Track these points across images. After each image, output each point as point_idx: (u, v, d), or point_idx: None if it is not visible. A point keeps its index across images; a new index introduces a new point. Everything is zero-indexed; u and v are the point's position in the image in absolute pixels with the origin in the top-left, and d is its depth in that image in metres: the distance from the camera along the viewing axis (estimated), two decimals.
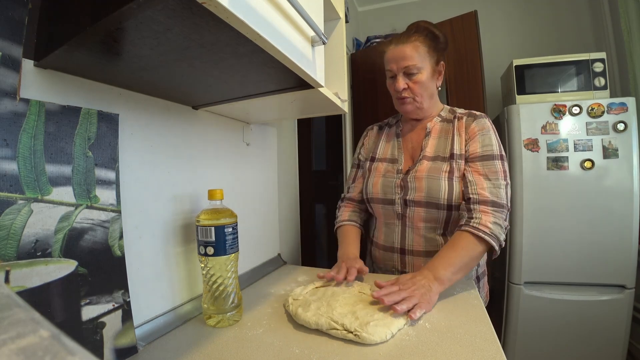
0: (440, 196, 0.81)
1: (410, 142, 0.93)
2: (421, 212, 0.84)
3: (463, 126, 0.86)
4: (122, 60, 0.44)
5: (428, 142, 0.88)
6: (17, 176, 0.40)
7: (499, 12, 2.22)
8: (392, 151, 0.94)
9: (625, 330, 1.46)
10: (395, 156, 0.93)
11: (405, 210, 0.86)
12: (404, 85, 0.85)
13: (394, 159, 0.93)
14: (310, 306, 0.62)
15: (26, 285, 0.40)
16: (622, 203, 1.46)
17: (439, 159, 0.85)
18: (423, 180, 0.83)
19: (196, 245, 0.63)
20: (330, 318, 0.57)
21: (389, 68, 0.87)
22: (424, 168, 0.85)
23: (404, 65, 0.83)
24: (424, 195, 0.82)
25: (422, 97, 0.86)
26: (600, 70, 1.56)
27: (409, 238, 0.87)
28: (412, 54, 0.82)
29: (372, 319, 0.57)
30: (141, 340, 0.55)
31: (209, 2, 0.30)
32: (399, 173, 0.89)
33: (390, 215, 0.90)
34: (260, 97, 0.65)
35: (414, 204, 0.85)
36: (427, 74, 0.84)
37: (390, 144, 0.96)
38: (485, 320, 0.60)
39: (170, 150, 0.67)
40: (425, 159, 0.86)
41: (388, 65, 0.87)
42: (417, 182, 0.84)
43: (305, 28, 0.49)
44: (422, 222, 0.85)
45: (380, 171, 0.92)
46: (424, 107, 0.88)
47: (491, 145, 0.81)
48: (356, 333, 0.53)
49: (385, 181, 0.90)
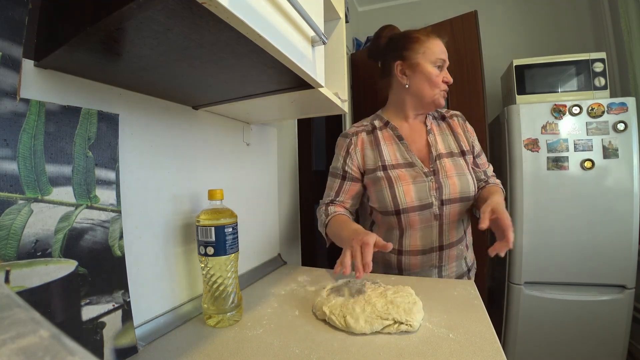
0: (471, 189, 0.88)
1: (414, 143, 0.92)
2: (456, 207, 0.87)
3: (458, 125, 0.97)
4: (122, 60, 0.44)
5: (435, 139, 0.92)
6: (17, 176, 0.40)
7: (499, 12, 2.22)
8: (402, 155, 0.90)
9: (625, 330, 1.46)
10: (408, 159, 0.90)
11: (442, 209, 0.86)
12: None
13: (410, 162, 0.89)
14: (355, 310, 0.59)
15: (26, 285, 0.40)
16: (622, 203, 1.46)
17: (455, 155, 0.91)
18: (455, 178, 0.87)
19: (196, 245, 0.63)
20: (379, 317, 0.57)
21: (443, 57, 0.88)
22: (450, 166, 0.88)
23: (445, 59, 0.88)
24: (459, 192, 0.86)
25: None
26: (600, 70, 1.56)
27: (445, 233, 0.88)
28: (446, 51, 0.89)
29: (407, 305, 0.60)
30: (141, 340, 0.55)
31: (209, 2, 0.30)
32: (428, 175, 0.87)
33: (427, 218, 0.87)
34: (260, 97, 0.65)
35: (450, 202, 0.86)
36: None
37: (394, 148, 0.92)
38: (485, 320, 0.60)
39: (170, 151, 0.67)
40: (444, 156, 0.90)
41: (439, 54, 0.88)
42: (449, 181, 0.86)
43: (305, 28, 0.49)
44: (457, 215, 0.89)
45: (406, 178, 0.87)
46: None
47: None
48: (408, 323, 0.56)
49: (418, 187, 0.86)
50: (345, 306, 0.61)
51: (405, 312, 0.58)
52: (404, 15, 2.44)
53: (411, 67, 0.89)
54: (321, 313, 0.62)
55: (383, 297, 0.63)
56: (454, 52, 1.77)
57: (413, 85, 0.90)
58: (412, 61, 0.89)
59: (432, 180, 0.86)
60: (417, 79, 0.89)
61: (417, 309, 0.59)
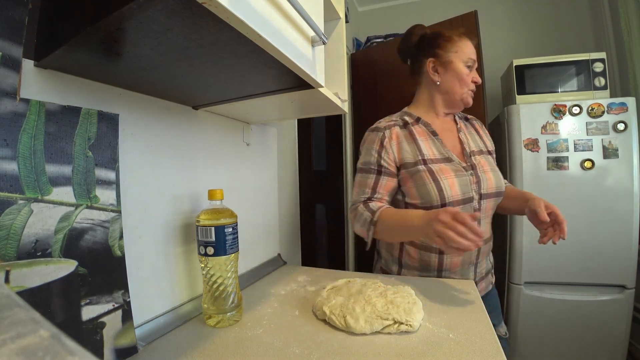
0: (502, 185, 0.93)
1: (447, 140, 0.93)
2: (491, 202, 0.90)
3: (480, 128, 1.03)
4: (122, 60, 0.44)
5: (466, 137, 0.95)
6: (17, 176, 0.40)
7: (499, 12, 2.22)
8: (438, 150, 0.90)
9: (625, 330, 1.46)
10: (444, 154, 0.89)
11: (480, 204, 0.88)
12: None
13: (447, 157, 0.89)
14: (355, 310, 0.59)
15: (26, 285, 0.40)
16: (622, 203, 1.46)
17: (484, 153, 0.95)
18: (490, 173, 0.90)
19: (196, 245, 0.63)
20: (379, 317, 0.57)
21: (473, 58, 0.90)
22: (484, 162, 0.92)
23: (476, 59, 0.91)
24: (495, 186, 0.90)
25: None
26: (600, 70, 1.56)
27: (483, 228, 0.89)
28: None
29: (407, 305, 0.60)
30: (141, 340, 0.55)
31: (209, 2, 0.30)
32: (467, 170, 0.88)
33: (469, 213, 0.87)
34: (260, 97, 0.65)
35: (487, 197, 0.88)
36: None
37: (430, 143, 0.91)
38: (485, 320, 0.60)
39: (170, 151, 0.67)
40: (477, 153, 0.93)
41: (471, 55, 0.90)
42: (486, 175, 0.89)
43: (305, 28, 0.49)
44: (491, 210, 0.92)
45: (448, 172, 0.86)
46: None
47: None
48: (408, 323, 0.56)
49: (461, 181, 0.86)
50: (345, 306, 0.61)
51: (405, 312, 0.58)
52: (404, 15, 2.44)
53: (443, 65, 0.91)
54: (321, 313, 0.62)
55: (383, 297, 0.63)
56: None
57: (444, 83, 0.92)
58: (444, 59, 0.91)
59: (472, 174, 0.88)
60: (449, 76, 0.91)
61: (417, 309, 0.59)
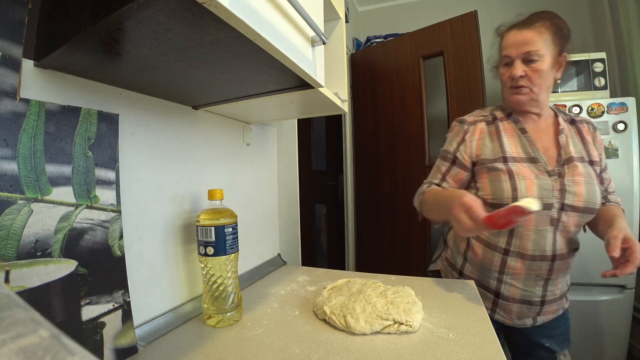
0: (597, 202, 0.80)
1: (539, 140, 0.85)
2: (576, 217, 0.79)
3: (589, 133, 0.88)
4: (122, 61, 0.44)
5: (567, 141, 0.84)
6: (17, 176, 0.40)
7: (499, 12, 2.22)
8: (524, 149, 0.84)
9: (625, 330, 1.46)
10: (531, 154, 0.82)
11: (561, 215, 0.79)
12: (522, 72, 0.79)
13: (533, 157, 0.82)
14: (356, 310, 0.60)
15: (26, 285, 0.40)
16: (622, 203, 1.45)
17: (586, 162, 0.83)
18: (582, 185, 0.79)
19: (196, 245, 0.63)
20: (379, 317, 0.57)
21: (507, 54, 0.82)
22: (580, 171, 0.80)
23: (525, 51, 0.78)
24: (584, 200, 0.79)
25: (540, 87, 0.80)
26: (600, 70, 1.56)
27: (559, 243, 0.80)
28: (535, 39, 0.78)
29: (407, 305, 0.60)
30: (141, 340, 0.55)
31: (209, 2, 0.30)
32: (552, 175, 0.80)
33: (543, 221, 0.79)
34: (260, 97, 0.65)
35: (571, 209, 0.79)
36: (548, 62, 0.79)
37: (516, 140, 0.85)
38: (485, 320, 0.60)
39: (170, 150, 0.67)
40: (574, 159, 0.81)
41: (506, 50, 0.82)
42: (576, 187, 0.79)
43: (305, 28, 0.49)
44: (574, 226, 0.81)
45: (528, 173, 0.80)
46: (540, 100, 0.83)
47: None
48: (407, 324, 0.56)
49: (541, 184, 0.79)
50: (345, 306, 0.61)
51: (405, 313, 0.58)
52: (404, 15, 2.44)
53: (497, 67, 0.88)
54: (322, 313, 0.62)
55: (383, 297, 0.63)
56: (454, 52, 1.77)
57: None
58: (497, 63, 0.88)
59: (556, 181, 0.79)
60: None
61: (416, 309, 0.59)
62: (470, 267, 0.90)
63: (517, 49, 0.80)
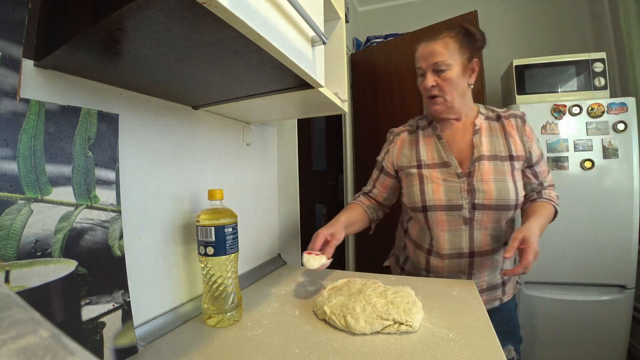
0: (510, 197, 0.81)
1: (455, 143, 0.89)
2: (491, 214, 0.82)
3: (514, 127, 0.88)
4: (122, 61, 0.44)
5: (480, 140, 0.86)
6: (17, 176, 0.40)
7: (499, 12, 2.22)
8: (438, 155, 0.89)
9: (625, 330, 1.46)
10: (444, 159, 0.87)
11: (474, 214, 0.83)
12: (433, 82, 0.83)
13: (445, 162, 0.87)
14: (356, 310, 0.59)
15: (26, 285, 0.40)
16: (622, 203, 1.46)
17: (498, 159, 0.85)
18: (491, 183, 0.82)
19: (196, 245, 0.63)
20: (379, 317, 0.57)
21: (419, 66, 0.87)
22: (488, 170, 0.83)
23: (433, 62, 0.82)
24: (494, 198, 0.81)
25: (452, 95, 0.84)
26: (600, 70, 1.56)
27: (477, 240, 0.84)
28: (441, 51, 0.82)
29: (407, 305, 0.60)
30: (141, 340, 0.55)
31: (209, 2, 0.30)
32: (461, 177, 0.84)
33: (455, 221, 0.84)
34: (260, 97, 0.65)
35: (483, 208, 0.82)
36: (457, 70, 0.83)
37: (432, 147, 0.90)
38: (485, 320, 0.60)
39: (170, 150, 0.67)
40: (484, 158, 0.84)
41: (418, 63, 0.87)
42: (484, 185, 0.82)
43: (305, 28, 0.49)
44: (491, 222, 0.84)
45: (437, 177, 0.86)
46: (455, 106, 0.86)
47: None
48: (407, 324, 0.56)
49: (448, 187, 0.84)
50: (345, 306, 0.61)
51: (405, 313, 0.58)
52: (404, 15, 2.44)
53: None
54: (322, 313, 0.62)
55: (383, 297, 0.63)
56: None
57: None
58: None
59: (464, 182, 0.83)
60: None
61: (416, 309, 0.59)
62: (408, 264, 0.98)
63: (426, 61, 0.84)
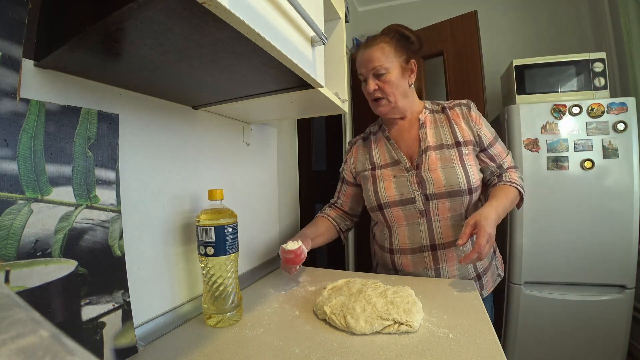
0: (460, 182, 0.83)
1: (403, 141, 0.93)
2: (445, 202, 0.84)
3: (459, 115, 0.90)
4: (122, 60, 0.44)
5: (426, 132, 0.90)
6: (17, 176, 0.40)
7: (499, 12, 2.22)
8: (389, 154, 0.93)
9: (625, 330, 1.46)
10: (394, 157, 0.91)
11: (428, 205, 0.85)
12: (375, 86, 0.86)
13: (396, 160, 0.91)
14: (356, 310, 0.60)
15: (26, 285, 0.40)
16: (622, 203, 1.46)
17: (445, 147, 0.87)
18: (439, 171, 0.84)
19: (196, 245, 0.63)
20: (379, 317, 0.57)
21: (360, 72, 0.90)
22: (434, 159, 0.86)
23: (372, 67, 0.86)
24: (444, 186, 0.83)
25: (394, 96, 0.87)
26: (600, 70, 1.56)
27: (437, 232, 0.85)
28: (377, 56, 0.85)
29: (407, 305, 0.60)
30: (141, 340, 0.55)
31: (209, 2, 0.30)
32: (410, 170, 0.87)
33: (412, 215, 0.87)
34: (260, 97, 0.65)
35: (436, 197, 0.84)
36: (395, 73, 0.86)
37: (383, 149, 0.95)
38: (485, 320, 0.60)
39: (170, 150, 0.67)
40: (430, 149, 0.87)
41: (359, 70, 0.90)
42: (432, 174, 0.84)
43: (305, 28, 0.49)
44: (449, 211, 0.85)
45: (388, 175, 0.90)
46: (399, 106, 0.89)
47: (492, 127, 0.92)
48: (407, 324, 0.56)
49: (399, 182, 0.87)
50: (345, 306, 0.61)
51: (405, 313, 0.58)
52: (404, 15, 2.44)
53: None
54: (322, 313, 0.62)
55: (383, 297, 0.63)
56: (454, 52, 1.77)
57: None
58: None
59: (412, 175, 0.86)
60: None
61: (416, 309, 0.59)
62: (380, 269, 1.00)
63: (366, 67, 0.87)
